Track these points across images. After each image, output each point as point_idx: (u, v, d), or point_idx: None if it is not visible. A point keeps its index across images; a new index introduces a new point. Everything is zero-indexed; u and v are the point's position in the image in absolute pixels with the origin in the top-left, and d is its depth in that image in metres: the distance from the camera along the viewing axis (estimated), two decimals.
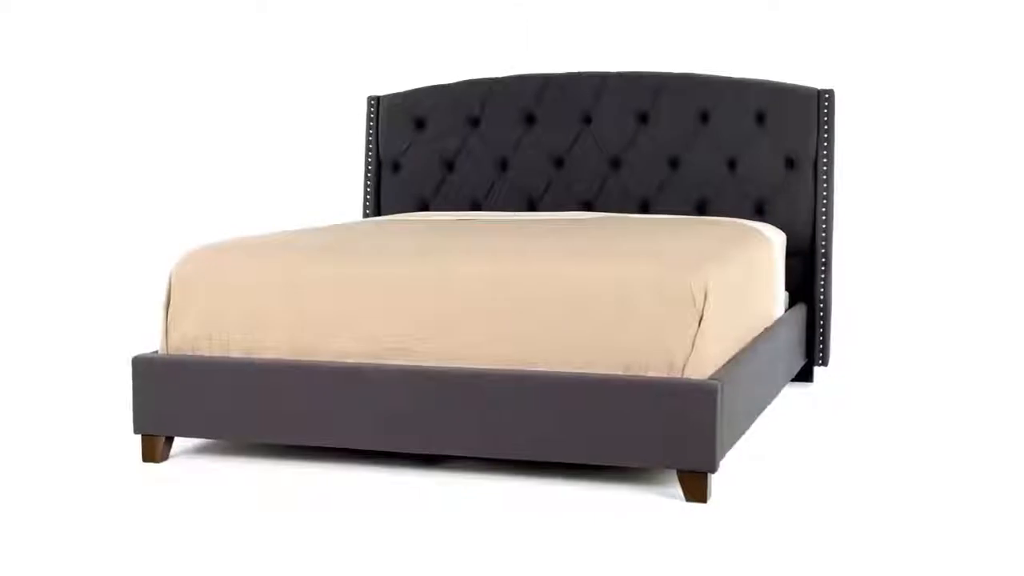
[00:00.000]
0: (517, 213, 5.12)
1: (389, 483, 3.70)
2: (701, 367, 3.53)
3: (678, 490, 3.64)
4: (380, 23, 6.77)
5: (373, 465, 3.90)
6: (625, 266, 3.62)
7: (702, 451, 3.48)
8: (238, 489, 3.64)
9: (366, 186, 5.59)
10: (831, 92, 5.10)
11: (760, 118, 5.17)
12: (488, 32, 6.62)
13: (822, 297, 5.04)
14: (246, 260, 3.93)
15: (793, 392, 5.00)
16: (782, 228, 5.12)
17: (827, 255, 5.06)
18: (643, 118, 5.29)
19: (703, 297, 3.54)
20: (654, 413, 3.50)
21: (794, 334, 4.77)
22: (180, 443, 4.19)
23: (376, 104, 5.59)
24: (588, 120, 5.35)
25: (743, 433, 3.87)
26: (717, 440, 3.48)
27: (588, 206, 5.34)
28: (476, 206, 5.47)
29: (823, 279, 5.05)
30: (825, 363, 5.06)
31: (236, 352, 3.89)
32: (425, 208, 5.54)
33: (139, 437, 4.21)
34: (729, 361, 3.74)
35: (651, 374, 3.55)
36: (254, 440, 3.85)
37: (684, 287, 3.54)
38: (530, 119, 5.43)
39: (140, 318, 6.77)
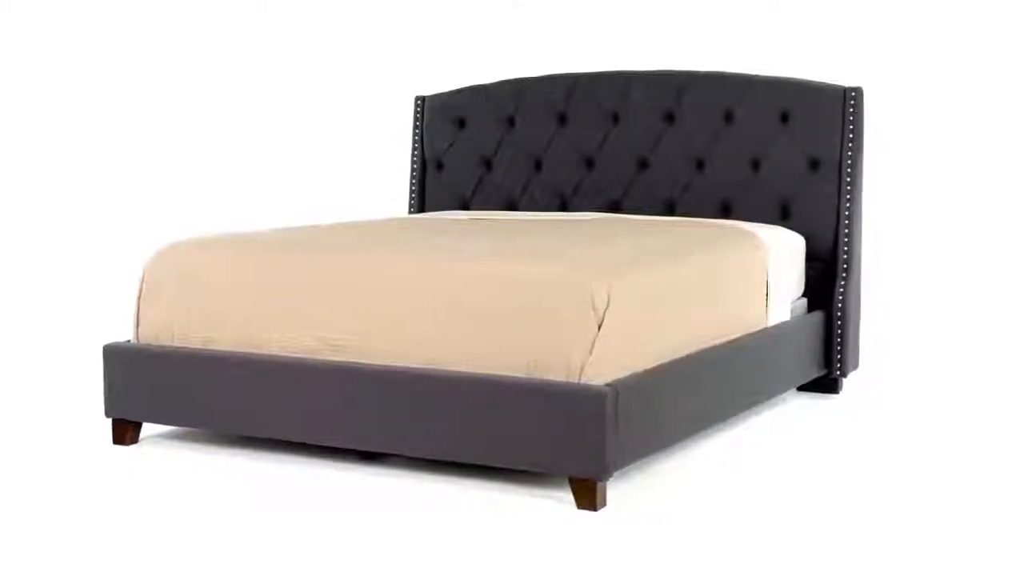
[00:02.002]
0: (522, 213, 5.16)
1: (307, 476, 3.81)
2: (602, 372, 3.49)
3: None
4: (442, 21, 6.88)
5: (311, 457, 4.01)
6: (531, 269, 3.62)
7: (592, 459, 3.44)
8: (195, 475, 3.83)
9: (411, 184, 5.70)
10: (858, 90, 4.90)
11: (784, 117, 5.02)
12: (527, 31, 6.67)
13: (840, 304, 4.85)
14: (205, 255, 4.10)
15: (802, 403, 4.83)
16: (805, 231, 4.95)
17: (849, 260, 4.87)
18: (669, 117, 5.21)
19: (605, 301, 3.50)
20: (549, 417, 3.49)
21: (796, 342, 4.62)
22: (151, 428, 4.39)
23: (422, 104, 5.69)
24: (616, 119, 5.30)
25: (674, 443, 3.78)
26: (608, 448, 3.43)
27: (616, 207, 5.30)
28: (512, 206, 5.50)
29: (843, 285, 4.86)
30: (844, 373, 4.87)
31: (194, 343, 4.06)
32: (465, 207, 5.60)
33: (110, 421, 4.42)
34: (655, 368, 3.67)
35: (551, 377, 3.53)
36: (206, 429, 4.02)
37: (584, 291, 3.51)
38: (562, 119, 5.42)
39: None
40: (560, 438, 3.47)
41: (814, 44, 6.27)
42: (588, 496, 3.48)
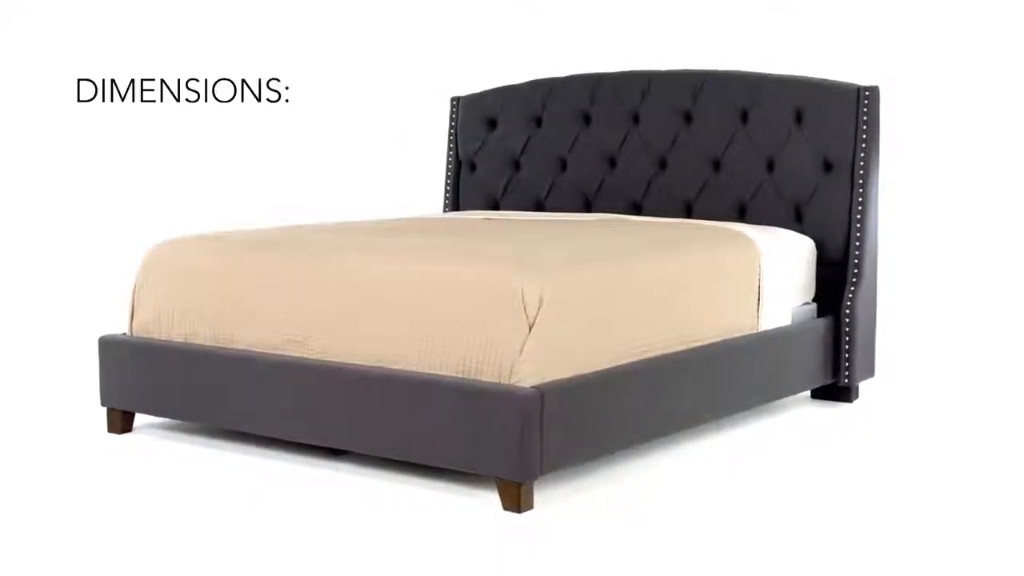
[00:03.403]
0: (538, 214, 5.16)
1: (271, 470, 3.89)
2: (533, 374, 3.45)
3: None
4: (478, 25, 6.86)
5: (283, 450, 4.07)
6: (464, 269, 3.61)
7: (517, 461, 3.41)
8: (179, 465, 3.94)
9: (446, 184, 5.71)
10: (873, 89, 4.73)
11: (799, 117, 4.87)
12: (555, 33, 6.63)
13: (849, 310, 4.69)
14: (188, 253, 4.20)
15: (808, 411, 4.69)
16: (818, 235, 4.80)
17: (860, 265, 4.71)
18: (687, 117, 5.11)
19: (537, 302, 3.47)
20: (477, 418, 3.47)
21: (796, 347, 4.48)
22: (144, 417, 4.49)
23: (457, 104, 5.70)
24: (636, 120, 5.23)
25: (622, 448, 3.72)
26: (531, 452, 3.39)
27: (637, 208, 5.22)
28: (539, 206, 5.47)
29: (853, 290, 4.69)
30: (852, 381, 4.71)
31: (177, 337, 4.16)
32: (496, 207, 5.59)
33: (104, 410, 4.55)
34: (597, 371, 3.61)
35: (482, 378, 3.51)
36: (188, 422, 4.12)
37: (515, 292, 3.48)
38: (586, 118, 5.37)
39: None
40: (487, 439, 3.45)
41: (830, 42, 6.15)
42: (512, 498, 3.45)
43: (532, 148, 5.49)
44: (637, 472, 3.86)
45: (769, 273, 4.42)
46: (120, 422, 4.31)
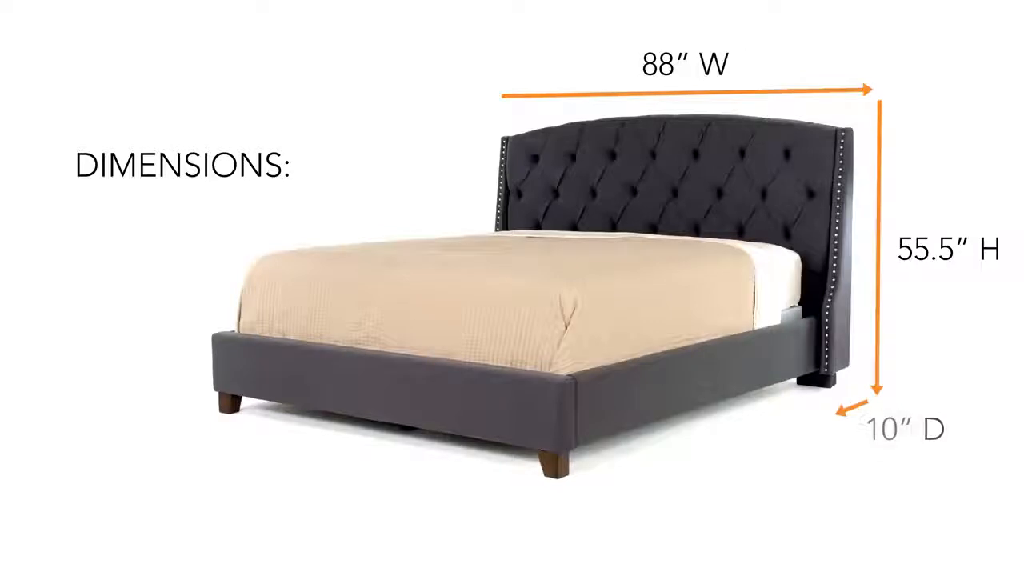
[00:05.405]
0: (566, 232, 5.13)
1: (352, 443, 3.90)
2: (569, 365, 3.46)
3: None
4: (526, 77, 6.84)
5: (363, 427, 4.09)
6: (513, 279, 3.61)
7: (554, 436, 3.42)
8: (278, 438, 3.98)
9: (497, 208, 5.73)
10: (848, 131, 4.70)
11: (787, 154, 4.85)
12: (587, 84, 6.61)
13: (828, 312, 4.66)
14: (284, 265, 4.23)
15: (792, 395, 4.66)
16: (804, 250, 4.77)
17: (837, 275, 4.68)
18: (695, 154, 5.10)
19: (572, 306, 3.47)
20: (523, 400, 3.47)
21: (783, 343, 4.46)
22: (249, 399, 4.53)
23: (506, 142, 5.71)
24: (653, 156, 5.22)
25: (641, 425, 3.71)
26: (566, 428, 3.40)
27: (654, 228, 5.21)
28: (573, 226, 5.47)
29: (831, 296, 4.67)
30: (830, 370, 4.68)
31: (276, 334, 4.19)
32: (538, 227, 5.59)
33: (217, 394, 4.59)
34: (620, 362, 3.61)
35: (528, 367, 3.52)
36: (286, 403, 4.14)
37: (553, 298, 3.49)
38: (612, 155, 5.36)
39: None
40: (531, 417, 3.46)
41: (812, 90, 6.17)
42: (551, 466, 3.45)
43: (568, 179, 5.49)
44: (653, 445, 3.86)
45: (762, 281, 4.41)
46: (229, 404, 4.34)
